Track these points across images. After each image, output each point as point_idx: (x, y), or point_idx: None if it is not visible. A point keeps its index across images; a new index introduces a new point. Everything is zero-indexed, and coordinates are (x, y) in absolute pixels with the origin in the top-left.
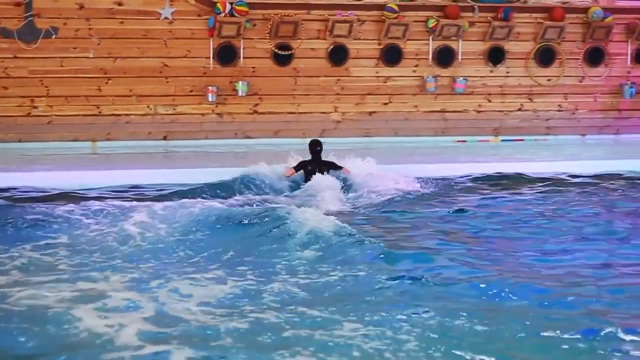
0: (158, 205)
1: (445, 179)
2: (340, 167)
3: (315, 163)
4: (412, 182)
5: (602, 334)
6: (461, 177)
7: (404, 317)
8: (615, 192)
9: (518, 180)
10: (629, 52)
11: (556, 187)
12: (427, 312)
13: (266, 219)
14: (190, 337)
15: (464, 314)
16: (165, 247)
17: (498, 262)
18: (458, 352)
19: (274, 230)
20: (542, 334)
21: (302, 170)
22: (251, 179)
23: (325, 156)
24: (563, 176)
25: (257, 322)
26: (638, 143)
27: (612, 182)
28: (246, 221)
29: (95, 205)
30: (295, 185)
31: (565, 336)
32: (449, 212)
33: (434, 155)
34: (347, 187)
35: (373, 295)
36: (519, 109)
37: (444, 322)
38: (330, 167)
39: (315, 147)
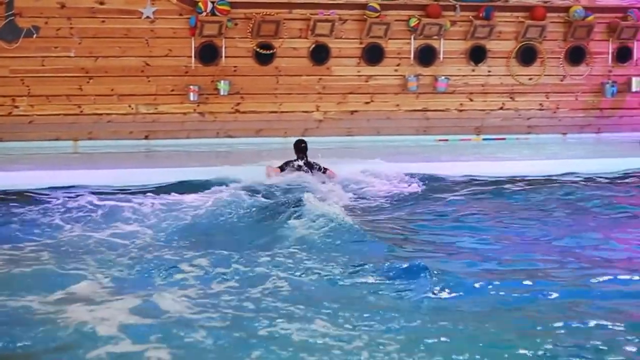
0: (141, 203)
1: (428, 179)
2: (326, 169)
3: (301, 162)
4: (395, 183)
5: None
6: (445, 176)
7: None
8: (591, 191)
9: (501, 178)
10: (610, 51)
11: (535, 186)
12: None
13: (253, 215)
14: (172, 334)
15: (457, 313)
16: (149, 245)
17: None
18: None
19: (262, 226)
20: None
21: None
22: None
23: (315, 157)
24: (544, 175)
25: (239, 319)
26: (619, 142)
27: (591, 180)
28: (234, 218)
29: (78, 203)
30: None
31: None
32: (434, 211)
33: (416, 154)
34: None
35: (364, 294)
36: (501, 108)
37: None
38: (316, 166)
39: (300, 145)
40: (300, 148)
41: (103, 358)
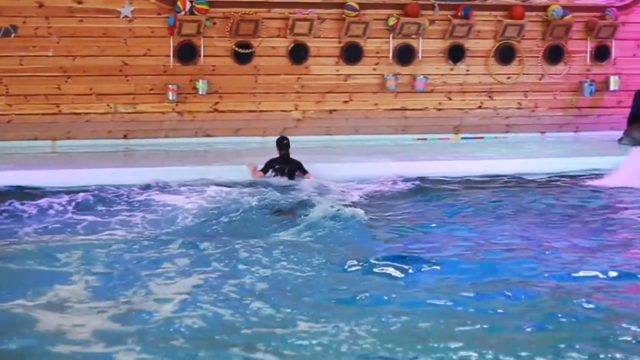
0: (123, 202)
1: (407, 180)
2: (306, 172)
3: (283, 160)
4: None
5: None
6: (423, 175)
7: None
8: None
9: (483, 177)
10: (588, 50)
11: (512, 185)
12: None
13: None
14: (148, 335)
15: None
16: (129, 245)
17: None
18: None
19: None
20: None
21: (270, 171)
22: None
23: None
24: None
25: (219, 317)
26: (597, 140)
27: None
28: (222, 218)
29: (57, 203)
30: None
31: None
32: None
33: (394, 154)
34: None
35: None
36: (479, 107)
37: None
38: (297, 166)
39: (283, 142)
40: (283, 145)
41: None
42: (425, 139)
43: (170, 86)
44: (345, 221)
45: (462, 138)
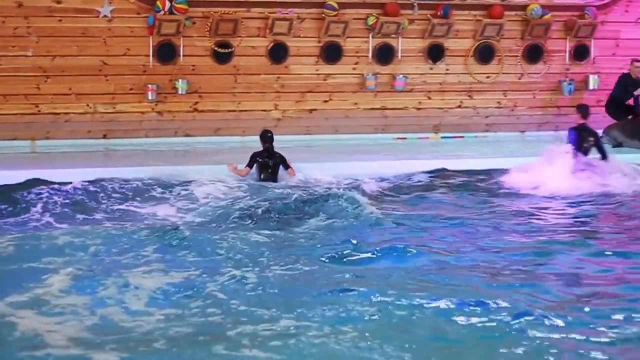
0: (99, 204)
1: (384, 179)
2: (289, 167)
3: (267, 154)
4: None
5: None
6: (403, 174)
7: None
8: None
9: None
10: (567, 49)
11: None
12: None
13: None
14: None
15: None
16: (109, 246)
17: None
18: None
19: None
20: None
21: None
22: None
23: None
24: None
25: (201, 317)
26: None
27: None
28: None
29: (38, 204)
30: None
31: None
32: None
33: (374, 153)
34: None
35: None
36: (459, 106)
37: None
38: (281, 160)
39: (267, 134)
40: (267, 138)
41: None
42: (405, 138)
43: (149, 86)
44: (335, 215)
45: (442, 137)
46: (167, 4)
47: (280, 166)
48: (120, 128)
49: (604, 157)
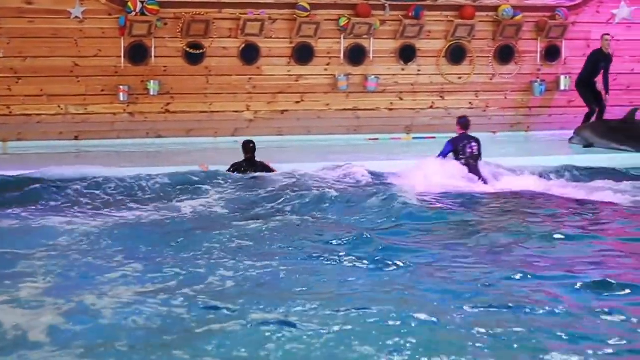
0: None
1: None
2: (273, 170)
3: (249, 164)
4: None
5: None
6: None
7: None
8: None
9: None
10: (538, 50)
11: None
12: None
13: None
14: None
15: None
16: (82, 245)
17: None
18: None
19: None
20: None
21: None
22: None
23: None
24: None
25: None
26: (548, 140)
27: None
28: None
29: (11, 205)
30: None
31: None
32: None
33: (347, 154)
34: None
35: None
36: (431, 107)
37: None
38: (263, 169)
39: (249, 145)
40: (249, 149)
41: None
42: (377, 139)
43: (121, 87)
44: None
45: (414, 138)
46: (139, 5)
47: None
48: (92, 129)
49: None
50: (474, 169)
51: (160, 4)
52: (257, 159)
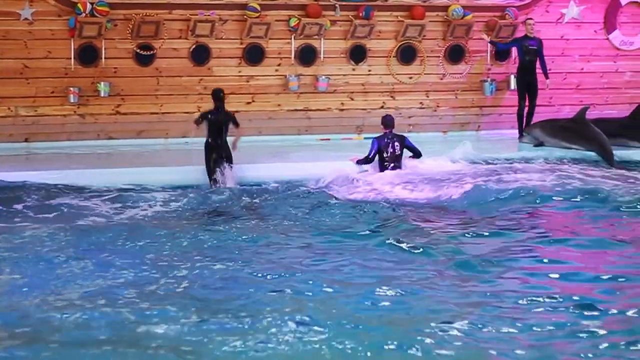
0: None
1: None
2: (238, 125)
3: (217, 112)
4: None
5: None
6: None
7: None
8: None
9: None
10: (488, 50)
11: None
12: None
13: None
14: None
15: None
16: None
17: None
18: None
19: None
20: None
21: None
22: None
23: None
24: None
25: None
26: (499, 139)
27: None
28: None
29: None
30: None
31: None
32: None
33: (298, 154)
34: None
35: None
36: (382, 107)
37: None
38: (229, 119)
39: (218, 94)
40: (218, 97)
41: None
42: (328, 139)
43: (71, 89)
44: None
45: (365, 138)
46: (88, 6)
47: (230, 123)
48: (42, 131)
49: (417, 155)
50: (394, 169)
51: (110, 5)
52: None
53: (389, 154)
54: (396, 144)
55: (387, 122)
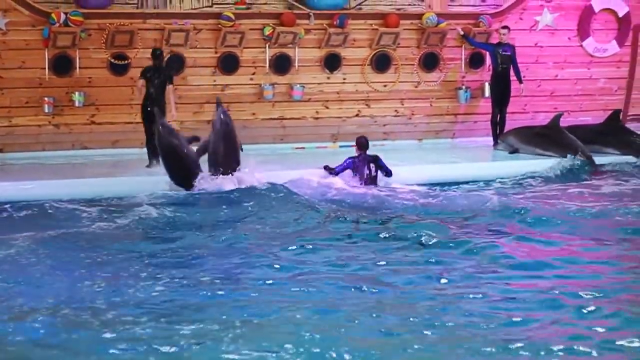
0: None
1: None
2: (172, 83)
3: (156, 69)
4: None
5: None
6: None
7: None
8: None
9: None
10: (463, 57)
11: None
12: None
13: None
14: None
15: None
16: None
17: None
18: None
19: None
20: None
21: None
22: None
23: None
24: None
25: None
26: (474, 147)
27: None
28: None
29: None
30: None
31: None
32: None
33: (274, 163)
34: None
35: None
36: (357, 115)
37: None
38: (167, 77)
39: (155, 52)
40: (156, 56)
41: None
42: (303, 147)
43: (46, 99)
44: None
45: (340, 146)
46: (62, 16)
47: (167, 82)
48: (16, 142)
49: (388, 175)
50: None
51: (84, 15)
52: None
53: (365, 177)
54: (371, 165)
55: (362, 144)
